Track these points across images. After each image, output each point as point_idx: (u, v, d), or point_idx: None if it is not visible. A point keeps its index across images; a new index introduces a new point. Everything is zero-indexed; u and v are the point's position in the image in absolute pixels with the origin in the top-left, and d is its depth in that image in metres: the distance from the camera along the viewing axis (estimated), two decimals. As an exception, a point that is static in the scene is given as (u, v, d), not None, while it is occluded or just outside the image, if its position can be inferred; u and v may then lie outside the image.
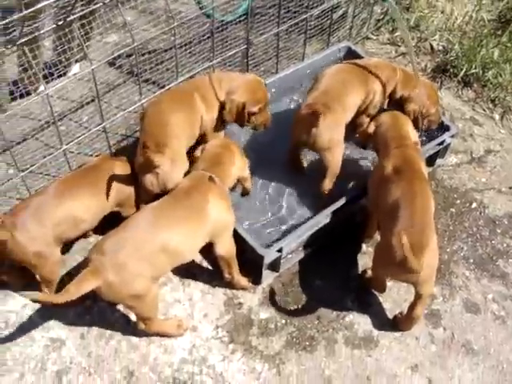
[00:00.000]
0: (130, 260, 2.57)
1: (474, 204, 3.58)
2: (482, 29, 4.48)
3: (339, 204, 3.14)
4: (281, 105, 3.81)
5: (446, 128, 3.54)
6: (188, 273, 3.14)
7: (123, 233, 2.64)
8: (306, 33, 3.92)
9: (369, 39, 4.62)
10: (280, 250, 3.00)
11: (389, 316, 3.08)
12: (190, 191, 2.79)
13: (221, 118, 3.22)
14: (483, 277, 3.27)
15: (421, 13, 4.64)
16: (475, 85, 4.28)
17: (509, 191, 3.67)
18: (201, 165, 2.93)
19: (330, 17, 4.03)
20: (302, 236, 3.07)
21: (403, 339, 3.01)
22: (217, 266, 3.07)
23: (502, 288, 3.23)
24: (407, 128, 3.13)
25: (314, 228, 3.10)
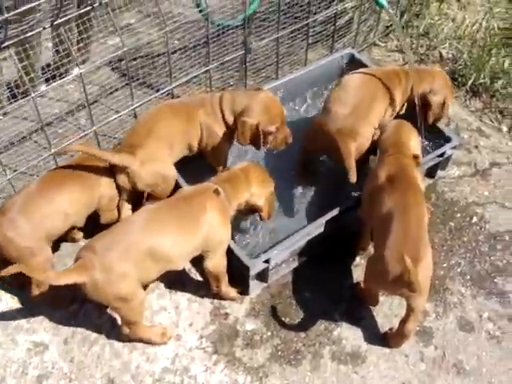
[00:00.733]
0: (119, 261, 2.55)
1: (475, 218, 3.47)
2: (493, 37, 4.35)
3: (330, 215, 3.06)
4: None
5: (447, 139, 3.43)
6: (176, 280, 3.10)
7: (116, 233, 2.64)
8: (308, 38, 3.85)
9: (376, 46, 4.53)
10: (267, 261, 2.94)
11: (379, 331, 2.99)
12: (190, 198, 2.76)
13: (226, 138, 3.17)
14: (479, 294, 3.16)
15: (431, 20, 4.54)
16: (484, 95, 4.16)
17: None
18: (215, 179, 2.91)
19: (334, 23, 3.95)
20: (292, 247, 3.01)
21: (392, 356, 2.92)
22: (205, 277, 3.04)
23: (499, 307, 3.12)
24: (408, 138, 3.04)
25: (304, 239, 3.03)
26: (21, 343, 2.90)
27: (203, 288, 3.10)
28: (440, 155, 3.42)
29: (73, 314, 3.01)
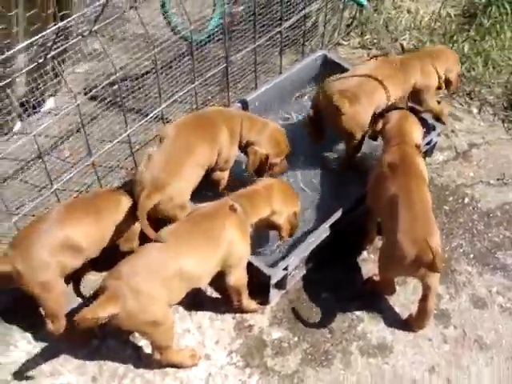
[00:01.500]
0: (147, 285, 2.53)
1: (466, 199, 3.63)
2: (451, 25, 4.55)
3: (337, 216, 3.13)
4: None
5: (432, 127, 3.57)
6: (193, 302, 3.08)
7: (139, 257, 2.62)
8: (282, 45, 3.91)
9: (340, 45, 4.65)
10: (286, 268, 2.97)
11: (400, 320, 3.08)
12: (208, 216, 2.77)
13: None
14: (485, 271, 3.30)
15: (388, 14, 4.70)
16: (450, 80, 4.34)
17: (497, 183, 3.73)
18: (235, 194, 2.92)
19: (304, 26, 4.03)
20: (306, 251, 3.05)
21: (417, 342, 3.01)
22: (222, 293, 3.06)
23: (504, 280, 3.27)
24: (411, 128, 3.17)
25: (317, 242, 3.08)
26: (48, 389, 2.83)
27: (222, 304, 3.10)
28: (427, 143, 3.55)
29: (95, 351, 2.95)
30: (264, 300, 3.11)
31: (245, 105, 3.63)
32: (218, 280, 2.86)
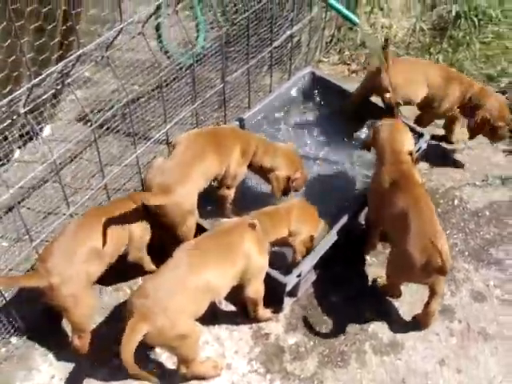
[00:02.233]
0: (174, 300, 2.61)
1: (456, 201, 3.84)
2: (425, 38, 4.82)
3: (344, 220, 3.29)
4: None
5: (421, 135, 3.78)
6: (209, 315, 3.15)
7: (163, 274, 2.70)
8: (272, 64, 4.08)
9: (321, 62, 4.86)
10: (299, 275, 3.10)
11: (407, 319, 3.24)
12: (228, 231, 2.89)
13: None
14: (481, 266, 3.50)
15: (364, 31, 4.93)
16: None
17: (482, 184, 3.96)
18: (257, 212, 3.05)
19: (291, 45, 4.21)
20: (317, 257, 3.19)
21: (426, 337, 3.18)
22: (237, 304, 3.18)
23: (499, 274, 3.47)
24: (401, 138, 3.33)
25: (326, 247, 3.22)
26: (75, 411, 2.87)
27: (237, 316, 3.21)
28: (416, 150, 3.74)
29: (117, 370, 2.99)
30: (277, 308, 3.23)
31: (242, 122, 3.77)
32: (234, 293, 2.97)
